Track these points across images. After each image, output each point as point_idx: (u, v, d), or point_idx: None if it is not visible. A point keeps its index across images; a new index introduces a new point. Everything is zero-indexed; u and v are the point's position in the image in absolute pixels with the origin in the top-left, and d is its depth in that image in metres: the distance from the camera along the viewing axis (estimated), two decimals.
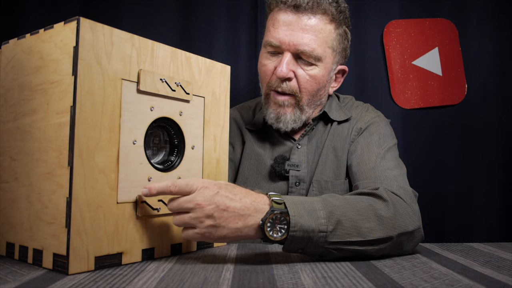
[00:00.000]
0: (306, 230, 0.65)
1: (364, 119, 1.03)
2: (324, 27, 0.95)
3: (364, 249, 0.69)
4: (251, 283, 0.55)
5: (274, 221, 0.65)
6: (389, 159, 0.93)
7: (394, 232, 0.70)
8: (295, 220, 0.65)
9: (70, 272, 0.57)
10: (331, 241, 0.67)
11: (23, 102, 0.67)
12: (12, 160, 0.68)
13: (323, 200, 0.69)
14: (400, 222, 0.72)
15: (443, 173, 1.45)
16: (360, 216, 0.69)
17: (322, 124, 1.06)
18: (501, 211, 1.43)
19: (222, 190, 0.65)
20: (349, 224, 0.68)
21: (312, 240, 0.66)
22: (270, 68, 0.98)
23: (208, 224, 0.64)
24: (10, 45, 0.71)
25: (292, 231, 0.65)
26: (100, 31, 0.61)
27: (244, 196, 0.66)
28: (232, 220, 0.64)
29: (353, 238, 0.67)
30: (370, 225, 0.69)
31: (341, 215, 0.68)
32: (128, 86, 0.65)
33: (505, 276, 0.60)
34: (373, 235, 0.69)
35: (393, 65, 1.46)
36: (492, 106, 1.45)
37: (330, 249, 0.67)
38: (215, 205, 0.64)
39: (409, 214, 0.74)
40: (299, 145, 1.03)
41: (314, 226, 0.65)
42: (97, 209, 0.60)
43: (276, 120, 0.99)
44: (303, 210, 0.66)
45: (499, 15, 1.46)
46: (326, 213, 0.67)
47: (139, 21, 1.41)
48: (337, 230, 0.67)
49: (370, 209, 0.71)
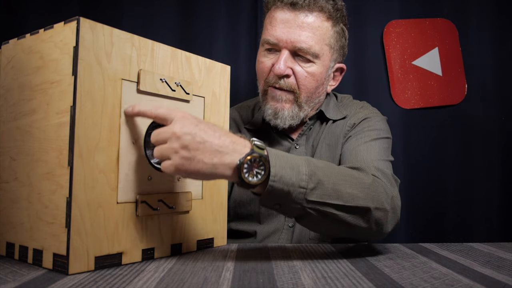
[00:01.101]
0: (286, 183, 0.63)
1: (358, 115, 1.03)
2: (321, 25, 0.95)
3: (342, 215, 0.67)
4: (251, 283, 0.55)
5: (252, 164, 0.62)
6: (374, 147, 0.92)
7: (372, 204, 0.69)
8: (276, 171, 0.62)
9: (70, 272, 0.57)
10: (310, 200, 0.65)
11: (23, 102, 0.67)
12: (12, 160, 0.68)
13: (307, 159, 0.68)
14: (379, 197, 0.70)
15: (443, 173, 1.45)
16: (343, 181, 0.68)
17: (319, 123, 1.06)
18: (501, 211, 1.43)
19: (202, 124, 0.62)
20: (331, 186, 0.66)
21: (291, 195, 0.64)
22: (267, 66, 0.98)
23: (183, 155, 0.60)
24: (10, 45, 0.71)
25: (272, 181, 0.62)
26: (100, 31, 0.61)
27: (224, 134, 0.63)
28: (207, 155, 0.60)
29: (333, 200, 0.66)
30: (352, 191, 0.68)
31: (324, 176, 0.66)
32: (128, 86, 0.65)
33: (505, 276, 0.60)
34: (353, 202, 0.67)
35: (393, 65, 1.46)
36: (492, 106, 1.45)
37: (308, 209, 0.65)
38: (191, 136, 0.60)
39: (386, 193, 0.73)
40: (297, 145, 1.04)
41: (295, 181, 0.63)
42: (97, 209, 0.60)
43: (273, 116, 0.98)
44: (286, 163, 0.64)
45: (499, 15, 1.46)
46: (309, 171, 0.65)
47: (139, 21, 1.41)
48: (317, 189, 0.65)
49: (353, 177, 0.70)
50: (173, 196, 0.71)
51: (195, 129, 0.61)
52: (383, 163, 0.87)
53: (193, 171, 0.61)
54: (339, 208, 0.67)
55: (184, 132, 0.60)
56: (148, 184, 0.68)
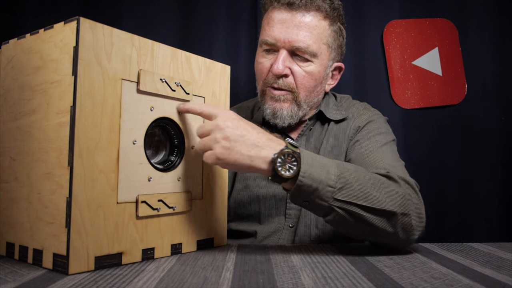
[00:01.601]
0: (315, 180, 0.67)
1: (362, 117, 1.04)
2: (318, 24, 0.96)
3: (368, 216, 0.69)
4: (251, 283, 0.55)
5: (285, 159, 0.67)
6: (388, 152, 0.93)
7: (399, 209, 0.71)
8: (306, 168, 0.67)
9: (70, 272, 0.57)
10: (337, 198, 0.68)
11: (23, 102, 0.67)
12: (12, 160, 0.68)
13: (337, 162, 0.72)
14: (407, 202, 0.73)
15: (443, 173, 1.45)
16: (371, 184, 0.71)
17: (319, 124, 1.06)
18: (501, 211, 1.43)
19: (242, 121, 0.70)
20: (358, 188, 0.69)
21: (319, 192, 0.68)
22: (266, 66, 0.99)
23: (224, 145, 0.66)
24: (10, 45, 0.71)
25: (302, 177, 0.67)
26: (100, 31, 0.61)
27: (261, 132, 0.70)
28: (245, 148, 0.67)
29: (359, 201, 0.69)
30: (379, 195, 0.70)
31: (352, 178, 0.70)
32: (128, 86, 0.65)
33: (505, 276, 0.60)
34: (380, 205, 0.70)
35: (393, 65, 1.46)
36: (492, 106, 1.45)
37: (335, 207, 0.68)
38: (232, 129, 0.67)
39: (412, 200, 0.75)
40: None
41: (323, 179, 0.68)
42: (97, 209, 0.60)
43: (272, 116, 0.99)
44: (316, 162, 0.69)
45: (499, 15, 1.46)
46: (338, 172, 0.69)
47: (139, 21, 1.41)
48: (345, 189, 0.69)
49: (381, 182, 0.73)
50: (173, 196, 0.71)
51: (237, 123, 0.68)
52: (402, 170, 0.88)
53: (231, 161, 0.67)
54: (365, 209, 0.69)
55: (226, 124, 0.67)
56: (148, 184, 0.68)
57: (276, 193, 1.00)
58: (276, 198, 1.01)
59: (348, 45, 1.44)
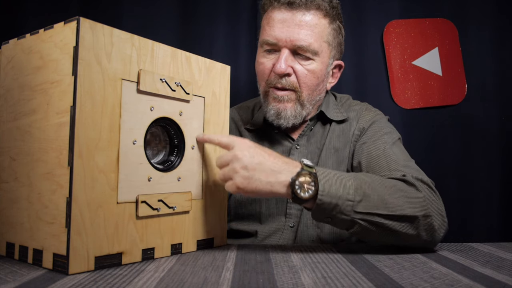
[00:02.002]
0: (334, 196, 0.69)
1: (365, 118, 1.04)
2: (318, 22, 0.96)
3: (390, 223, 0.71)
4: (251, 283, 0.55)
5: (303, 181, 0.68)
6: (398, 151, 0.93)
7: (420, 212, 0.72)
8: (324, 186, 0.69)
9: (70, 272, 0.57)
10: (358, 211, 0.70)
11: (23, 102, 0.67)
12: (12, 160, 0.68)
13: (353, 174, 0.74)
14: (427, 204, 0.74)
15: (443, 173, 1.45)
16: (388, 192, 0.72)
17: (320, 124, 1.06)
18: (501, 211, 1.43)
19: (258, 148, 0.71)
20: (377, 198, 0.71)
21: (340, 208, 0.69)
22: (267, 66, 0.99)
23: (243, 175, 0.68)
24: (10, 45, 0.71)
25: (320, 195, 0.68)
26: (100, 31, 0.61)
27: (277, 157, 0.72)
28: (264, 175, 0.69)
29: (380, 210, 0.70)
30: (398, 202, 0.72)
31: (369, 189, 0.71)
32: (128, 86, 0.65)
33: (505, 276, 0.60)
34: (400, 211, 0.71)
35: (393, 65, 1.46)
36: (492, 106, 1.45)
37: (357, 220, 0.70)
38: (249, 158, 0.69)
39: (433, 200, 0.76)
40: (298, 146, 1.03)
41: (342, 194, 0.69)
42: (97, 209, 0.60)
43: (276, 117, 0.99)
44: (333, 179, 0.70)
45: (499, 15, 1.46)
46: (355, 185, 0.71)
47: (139, 21, 1.41)
48: (364, 201, 0.70)
49: (398, 188, 0.74)
50: (173, 196, 0.71)
51: (253, 152, 0.70)
52: (415, 167, 0.89)
53: (252, 189, 0.69)
54: (386, 217, 0.71)
55: (243, 154, 0.69)
56: (148, 184, 0.68)
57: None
58: (277, 198, 1.01)
59: (348, 45, 1.45)
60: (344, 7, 1.41)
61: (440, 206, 0.77)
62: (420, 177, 0.81)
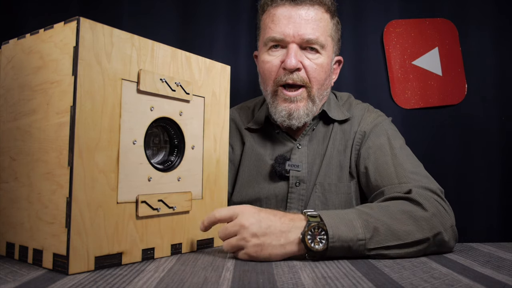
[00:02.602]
0: (345, 240, 0.68)
1: (366, 121, 1.03)
2: (322, 17, 0.98)
3: (404, 252, 0.71)
4: (251, 283, 0.55)
5: (313, 233, 0.68)
6: (405, 158, 0.92)
7: (430, 233, 0.73)
8: (333, 232, 0.68)
9: (70, 272, 0.57)
10: (371, 248, 0.70)
11: (23, 102, 0.67)
12: (12, 160, 0.68)
13: (357, 211, 0.73)
14: (436, 222, 0.74)
15: (443, 173, 1.44)
16: (396, 220, 0.72)
17: (322, 124, 1.06)
18: (501, 211, 1.43)
19: (263, 212, 0.70)
20: (386, 229, 0.71)
21: (352, 249, 0.69)
22: (275, 64, 0.98)
23: (254, 243, 0.67)
24: (10, 45, 0.71)
25: (331, 242, 0.67)
26: (100, 31, 0.61)
27: (283, 216, 0.70)
28: (275, 238, 0.67)
29: (392, 242, 0.70)
30: (407, 228, 0.72)
31: (377, 222, 0.71)
32: (128, 86, 0.65)
33: (505, 276, 0.60)
34: (411, 237, 0.71)
35: (393, 65, 1.46)
36: (492, 106, 1.45)
37: (372, 255, 0.70)
38: (257, 224, 0.67)
39: (442, 213, 0.76)
40: (299, 146, 1.03)
41: (352, 236, 0.69)
42: (97, 209, 0.60)
43: (288, 117, 0.98)
44: (339, 222, 0.69)
45: (499, 15, 1.46)
46: (362, 222, 0.70)
47: (139, 21, 1.41)
48: (375, 237, 0.70)
49: (405, 213, 0.74)
50: (173, 196, 0.71)
51: (259, 217, 0.68)
52: (426, 176, 0.88)
53: (266, 256, 0.67)
54: (399, 246, 0.71)
55: (250, 222, 0.68)
56: (148, 184, 0.68)
57: (277, 193, 1.00)
58: (277, 198, 1.00)
59: (348, 45, 1.45)
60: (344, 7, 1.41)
61: (450, 219, 0.77)
62: (428, 186, 0.81)
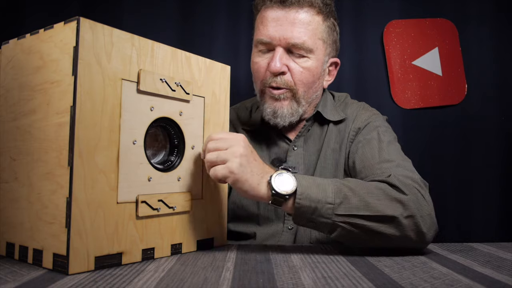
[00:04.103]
0: (313, 200, 0.69)
1: (361, 117, 1.03)
2: (312, 19, 0.96)
3: (372, 225, 0.70)
4: (251, 283, 0.55)
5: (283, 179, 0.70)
6: (392, 152, 0.92)
7: (404, 212, 0.71)
8: (303, 189, 0.69)
9: (70, 272, 0.57)
10: (338, 214, 0.70)
11: (23, 102, 0.67)
12: (12, 160, 0.68)
13: (333, 179, 0.74)
14: (411, 205, 0.72)
15: (443, 173, 1.45)
16: (369, 193, 0.72)
17: (317, 125, 1.05)
18: (501, 211, 1.43)
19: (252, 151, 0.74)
20: (357, 199, 0.71)
21: (320, 211, 0.69)
22: (262, 65, 0.99)
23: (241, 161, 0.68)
24: (10, 45, 0.71)
25: (299, 199, 0.69)
26: (100, 31, 0.61)
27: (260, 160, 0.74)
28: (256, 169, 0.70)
29: (360, 212, 0.70)
30: (378, 202, 0.71)
31: (349, 191, 0.71)
32: (128, 86, 0.65)
33: (505, 276, 0.60)
34: (381, 211, 0.70)
35: (393, 65, 1.46)
36: (492, 106, 1.45)
37: (338, 223, 0.70)
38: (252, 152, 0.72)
39: (420, 199, 0.74)
40: (295, 147, 1.03)
41: (321, 197, 0.69)
42: (97, 209, 0.60)
43: (273, 115, 0.98)
44: (312, 183, 0.71)
45: (499, 15, 1.46)
46: (334, 188, 0.71)
47: (139, 21, 1.41)
48: (344, 203, 0.70)
49: (380, 189, 0.73)
50: (173, 196, 0.71)
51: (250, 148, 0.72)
52: (410, 168, 0.87)
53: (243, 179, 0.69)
54: (367, 218, 0.70)
55: (248, 144, 0.72)
56: (148, 184, 0.68)
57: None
58: None
59: (348, 45, 1.45)
60: (344, 7, 1.40)
61: (427, 207, 0.75)
62: (411, 175, 0.80)
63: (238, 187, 0.70)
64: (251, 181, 0.69)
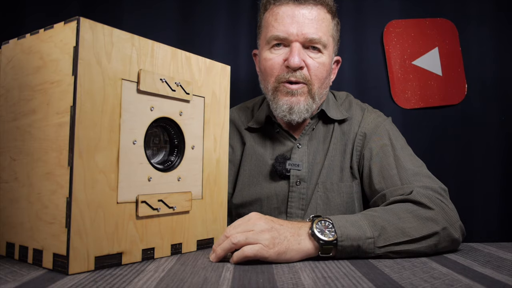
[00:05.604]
0: (353, 238, 0.69)
1: (366, 121, 1.03)
2: (325, 17, 0.99)
3: (415, 247, 0.72)
4: (251, 283, 0.55)
5: (321, 226, 0.70)
6: (407, 159, 0.93)
7: (438, 227, 0.74)
8: (341, 231, 0.69)
9: (70, 272, 0.57)
10: (380, 246, 0.71)
11: (23, 102, 0.67)
12: (12, 160, 0.68)
13: (362, 214, 0.75)
14: (440, 218, 0.75)
15: (443, 173, 1.44)
16: (401, 219, 0.74)
17: (322, 123, 1.06)
18: (501, 211, 1.43)
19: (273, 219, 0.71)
20: (393, 227, 0.72)
21: (362, 248, 0.70)
22: (277, 61, 0.99)
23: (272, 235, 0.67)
24: (10, 45, 0.71)
25: (340, 241, 0.69)
26: (100, 31, 0.61)
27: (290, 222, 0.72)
28: (288, 231, 0.69)
29: (400, 238, 0.72)
30: (412, 226, 0.73)
31: (383, 222, 0.73)
32: (128, 86, 0.65)
33: (505, 276, 0.60)
34: (419, 232, 0.73)
35: (393, 65, 1.46)
36: (492, 106, 1.45)
37: (382, 254, 0.71)
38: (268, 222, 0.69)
39: (446, 210, 0.77)
40: (299, 145, 1.03)
41: (361, 234, 0.70)
42: (97, 209, 0.60)
43: (289, 112, 0.98)
44: (347, 223, 0.71)
45: (499, 15, 1.46)
46: (368, 222, 0.72)
47: (139, 21, 1.41)
48: (383, 234, 0.71)
49: (409, 212, 0.75)
50: (173, 196, 0.71)
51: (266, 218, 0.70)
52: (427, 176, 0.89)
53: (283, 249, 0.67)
54: (408, 242, 0.72)
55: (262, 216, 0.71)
56: (148, 184, 0.68)
57: (278, 192, 1.00)
58: (278, 197, 1.00)
59: (348, 45, 1.45)
60: (344, 7, 1.40)
61: (454, 215, 0.78)
62: (430, 185, 0.82)
63: (284, 259, 0.67)
64: (292, 246, 0.68)
